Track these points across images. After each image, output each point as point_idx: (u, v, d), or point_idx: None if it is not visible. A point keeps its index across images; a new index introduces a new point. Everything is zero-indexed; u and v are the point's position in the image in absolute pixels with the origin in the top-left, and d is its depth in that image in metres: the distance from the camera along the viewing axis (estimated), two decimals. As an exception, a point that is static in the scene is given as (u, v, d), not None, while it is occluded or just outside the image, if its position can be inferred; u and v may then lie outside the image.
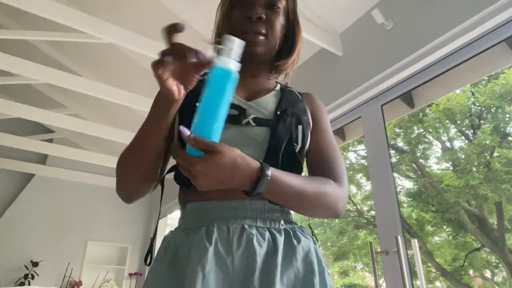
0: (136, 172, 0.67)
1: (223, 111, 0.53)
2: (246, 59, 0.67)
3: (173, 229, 0.72)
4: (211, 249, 0.60)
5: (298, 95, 0.84)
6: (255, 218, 0.66)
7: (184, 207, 0.72)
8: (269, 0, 0.77)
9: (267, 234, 0.65)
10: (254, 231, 0.64)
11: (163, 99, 0.59)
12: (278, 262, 0.61)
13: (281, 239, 0.65)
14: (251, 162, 0.56)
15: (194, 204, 0.69)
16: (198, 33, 2.93)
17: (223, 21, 0.80)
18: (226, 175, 0.54)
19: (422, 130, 7.49)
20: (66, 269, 4.65)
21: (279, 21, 0.78)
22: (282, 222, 0.69)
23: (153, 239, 0.73)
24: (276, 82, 0.88)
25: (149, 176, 0.69)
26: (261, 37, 0.75)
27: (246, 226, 0.64)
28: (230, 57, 0.53)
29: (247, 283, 0.59)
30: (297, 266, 0.63)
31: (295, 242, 0.66)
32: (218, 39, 0.80)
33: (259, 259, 0.60)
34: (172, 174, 0.75)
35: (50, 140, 5.09)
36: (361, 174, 8.21)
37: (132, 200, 0.73)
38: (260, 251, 0.61)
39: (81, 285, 4.54)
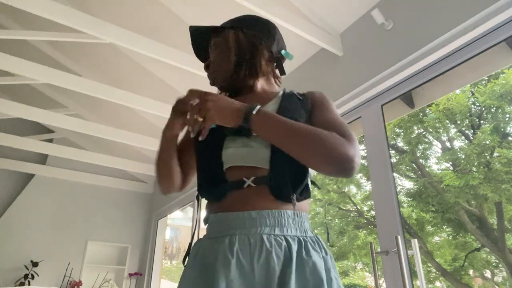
0: (164, 170, 0.89)
1: None
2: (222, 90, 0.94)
3: (201, 237, 0.81)
4: (233, 262, 0.68)
5: (299, 97, 0.89)
6: (273, 226, 0.73)
7: (209, 217, 0.80)
8: (213, 42, 0.94)
9: (284, 243, 0.71)
10: (272, 241, 0.71)
11: (176, 130, 0.86)
12: (293, 270, 0.68)
13: (295, 248, 0.72)
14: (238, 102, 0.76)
15: (218, 214, 0.77)
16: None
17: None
18: (227, 104, 0.73)
19: (422, 130, 7.48)
20: (66, 269, 4.64)
21: (222, 56, 0.91)
22: (297, 230, 0.75)
23: (190, 244, 0.82)
24: (282, 89, 0.95)
25: (172, 172, 0.89)
26: (213, 76, 0.94)
27: (265, 238, 0.71)
28: None
29: None
30: (306, 278, 0.69)
31: (305, 254, 0.72)
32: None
33: (277, 270, 0.68)
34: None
35: (50, 140, 5.08)
36: (361, 174, 8.19)
37: (167, 191, 0.92)
38: (278, 262, 0.69)
39: (81, 285, 4.54)
